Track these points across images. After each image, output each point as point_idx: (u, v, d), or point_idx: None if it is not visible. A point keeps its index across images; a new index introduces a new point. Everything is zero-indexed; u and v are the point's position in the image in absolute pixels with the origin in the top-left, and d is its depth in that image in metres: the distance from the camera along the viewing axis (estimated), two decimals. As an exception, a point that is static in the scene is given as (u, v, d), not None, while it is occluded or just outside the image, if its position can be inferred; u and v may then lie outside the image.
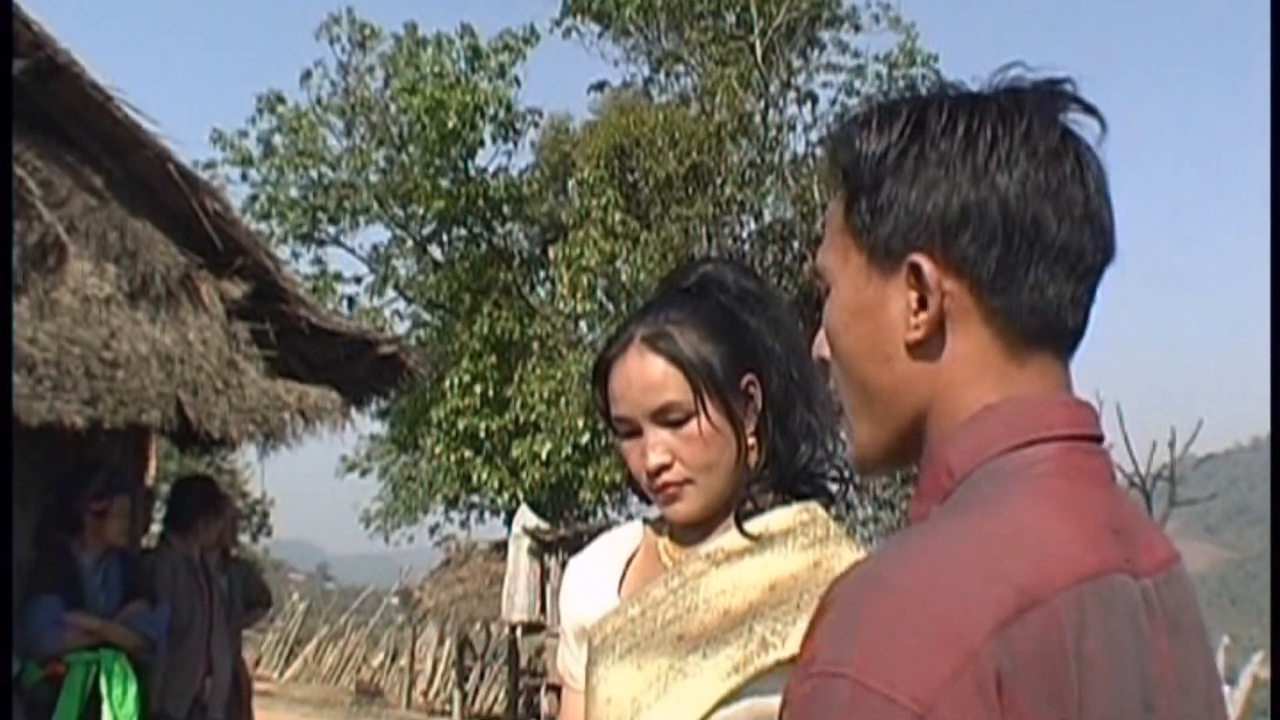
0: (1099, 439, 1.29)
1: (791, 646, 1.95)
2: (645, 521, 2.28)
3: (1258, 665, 15.70)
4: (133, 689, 6.30)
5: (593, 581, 2.24)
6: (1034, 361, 1.27)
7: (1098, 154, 1.30)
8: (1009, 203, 1.23)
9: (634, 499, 21.74)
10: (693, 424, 2.05)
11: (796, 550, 2.05)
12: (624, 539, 2.29)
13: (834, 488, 2.15)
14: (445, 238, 23.84)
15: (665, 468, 2.07)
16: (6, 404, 5.42)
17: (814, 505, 2.10)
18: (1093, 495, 1.24)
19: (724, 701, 1.98)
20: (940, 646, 1.05)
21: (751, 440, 2.09)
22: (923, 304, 1.26)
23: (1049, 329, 1.27)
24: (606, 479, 19.85)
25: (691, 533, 2.14)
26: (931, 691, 1.04)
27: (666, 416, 2.06)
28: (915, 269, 1.25)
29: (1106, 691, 1.12)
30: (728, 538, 2.07)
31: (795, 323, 2.17)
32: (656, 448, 2.07)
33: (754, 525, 2.05)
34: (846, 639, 1.08)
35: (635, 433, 2.10)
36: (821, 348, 1.39)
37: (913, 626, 1.07)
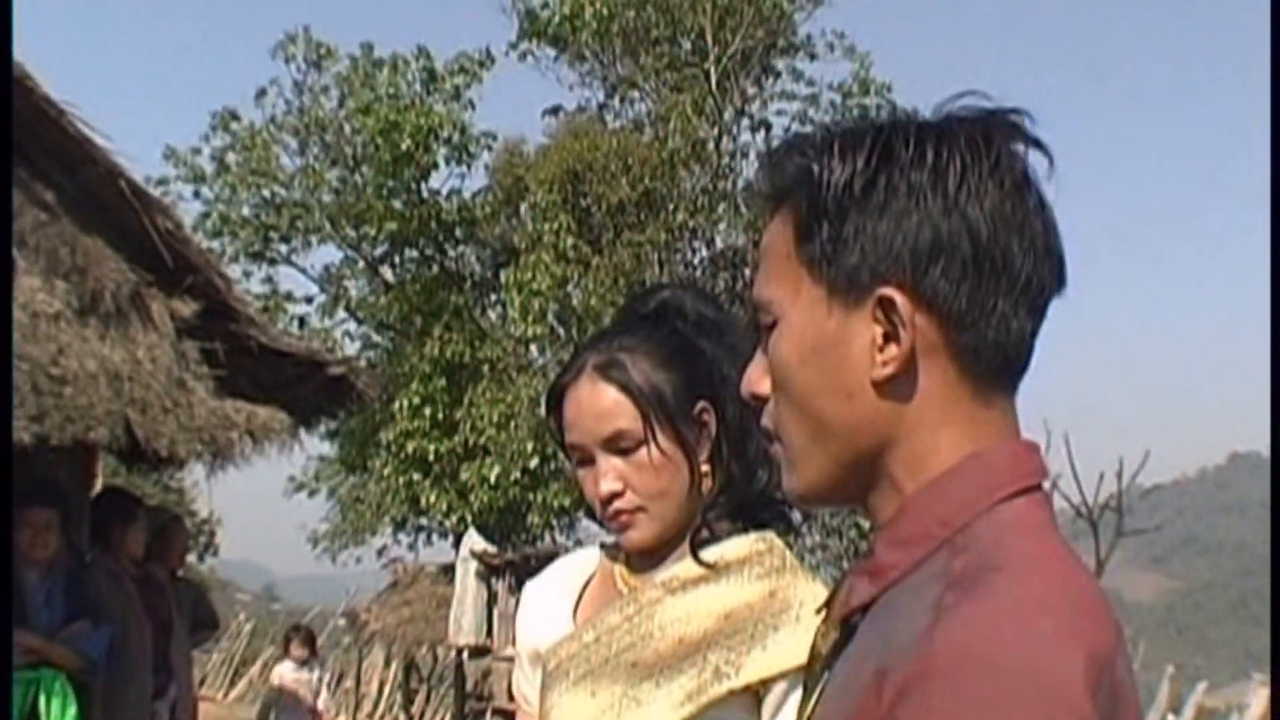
0: (1046, 478, 1.29)
1: (745, 676, 1.96)
2: (601, 546, 2.27)
3: (1202, 695, 15.83)
4: (72, 709, 6.24)
5: (548, 606, 2.24)
6: (997, 400, 1.26)
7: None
8: (979, 235, 1.21)
9: (582, 524, 21.72)
10: (643, 452, 2.05)
11: (752, 580, 2.05)
12: (580, 564, 2.29)
13: (795, 515, 2.16)
14: (397, 259, 23.79)
15: (617, 495, 2.06)
16: (6, 407, 5.39)
17: (770, 535, 2.10)
18: (1070, 548, 1.23)
19: None
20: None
21: (706, 468, 2.09)
22: (888, 339, 1.22)
23: (1009, 364, 1.26)
24: (555, 503, 19.83)
25: (647, 559, 2.13)
26: None
27: (617, 444, 2.06)
28: (886, 302, 1.21)
29: None
30: (683, 565, 2.07)
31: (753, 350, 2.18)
32: (608, 475, 2.06)
33: (709, 554, 2.05)
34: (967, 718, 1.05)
35: (589, 460, 2.10)
36: (757, 384, 1.35)
37: (1031, 705, 1.05)
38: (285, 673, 11.75)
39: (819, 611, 1.39)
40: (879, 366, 1.22)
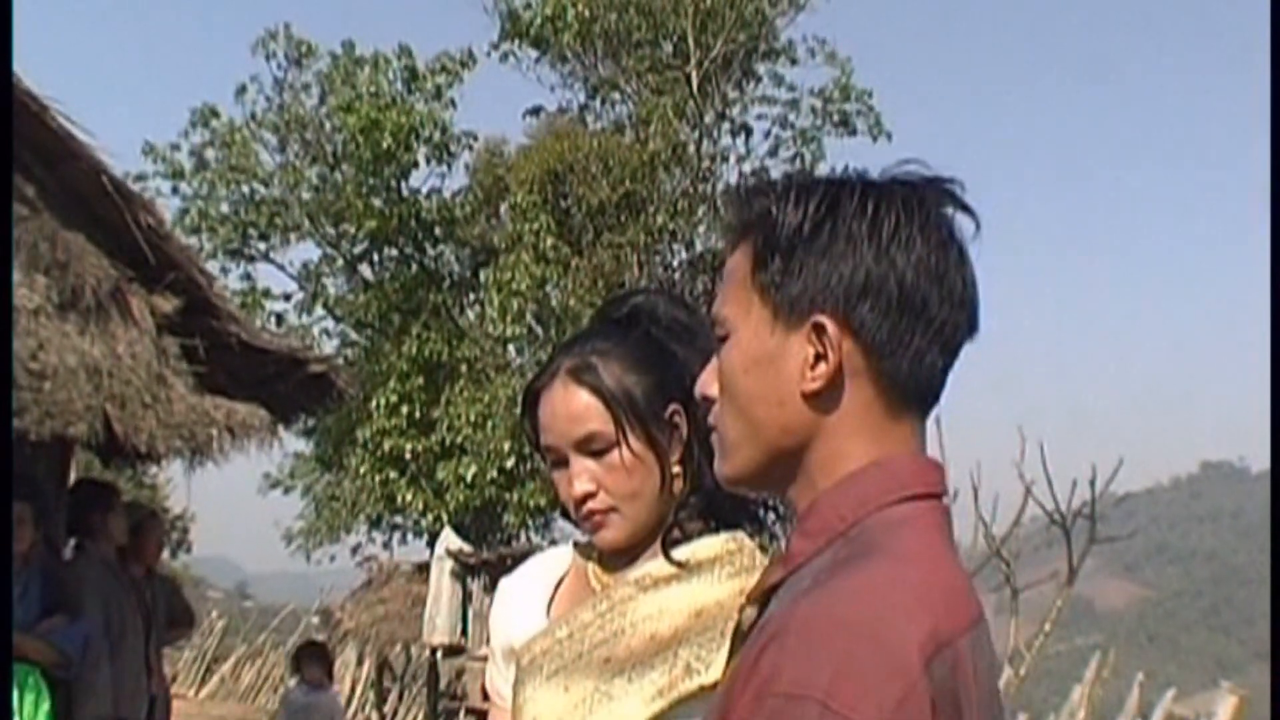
0: (945, 493, 1.50)
1: (715, 673, 1.98)
2: (575, 545, 2.30)
3: (1170, 702, 15.89)
4: (45, 705, 6.22)
5: (522, 602, 2.27)
6: (906, 420, 1.48)
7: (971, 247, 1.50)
8: (904, 281, 1.42)
9: (557, 523, 21.67)
10: (615, 453, 2.09)
11: (723, 578, 2.08)
12: (554, 561, 2.32)
13: (768, 516, 2.18)
14: (376, 257, 23.81)
15: (590, 496, 2.10)
16: (6, 408, 5.39)
17: (741, 535, 2.13)
18: (952, 548, 1.46)
19: None
20: (891, 676, 1.23)
21: (677, 469, 2.12)
22: (818, 359, 1.43)
23: (921, 393, 1.47)
24: (531, 503, 19.86)
25: (619, 558, 2.16)
26: (885, 714, 1.21)
27: (589, 446, 2.10)
28: (819, 328, 1.43)
29: None
30: (655, 564, 2.10)
31: None
32: (581, 476, 2.11)
33: (680, 553, 2.08)
34: (810, 665, 1.24)
35: (563, 462, 2.14)
36: (707, 387, 1.57)
37: (867, 658, 1.23)
38: (296, 700, 10.06)
39: (748, 597, 1.57)
40: (808, 381, 1.44)
